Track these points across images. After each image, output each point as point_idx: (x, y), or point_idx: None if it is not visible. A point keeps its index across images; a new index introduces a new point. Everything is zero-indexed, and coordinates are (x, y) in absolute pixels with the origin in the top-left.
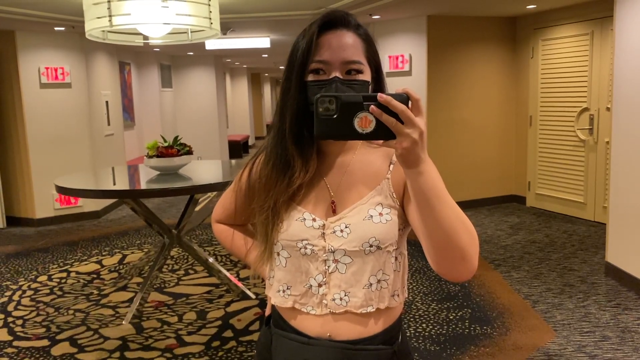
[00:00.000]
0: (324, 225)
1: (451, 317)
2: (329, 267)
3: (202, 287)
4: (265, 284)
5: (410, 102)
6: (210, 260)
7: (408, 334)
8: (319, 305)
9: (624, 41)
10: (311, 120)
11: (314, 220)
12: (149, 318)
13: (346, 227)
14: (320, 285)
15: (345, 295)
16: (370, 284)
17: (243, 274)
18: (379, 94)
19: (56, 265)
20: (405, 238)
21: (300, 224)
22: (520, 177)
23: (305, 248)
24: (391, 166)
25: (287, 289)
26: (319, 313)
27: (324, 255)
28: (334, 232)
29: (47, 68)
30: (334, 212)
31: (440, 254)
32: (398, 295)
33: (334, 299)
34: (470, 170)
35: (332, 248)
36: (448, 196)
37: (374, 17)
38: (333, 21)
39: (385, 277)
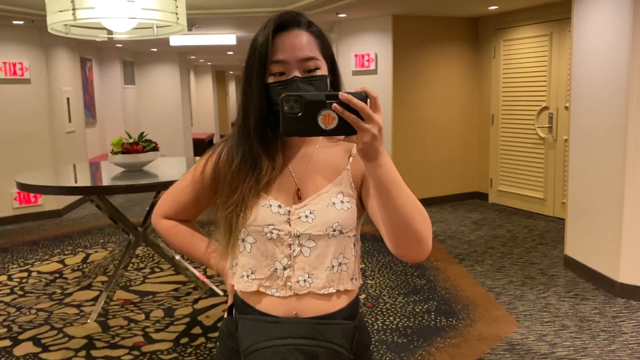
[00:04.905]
0: (289, 211)
1: (417, 310)
2: (294, 250)
3: (169, 284)
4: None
5: (368, 100)
6: (177, 257)
7: (375, 327)
8: (283, 287)
9: (581, 42)
10: (275, 119)
11: (279, 206)
12: (115, 316)
13: (311, 213)
14: (285, 268)
15: (308, 277)
16: (332, 266)
17: (210, 271)
18: (341, 93)
19: (16, 265)
20: (360, 225)
21: (267, 210)
22: (482, 175)
23: (272, 233)
24: (350, 159)
25: (252, 273)
26: (283, 295)
27: (289, 239)
28: (299, 217)
29: (4, 63)
30: (300, 199)
31: (399, 238)
32: (356, 279)
33: (298, 281)
34: (434, 167)
35: (298, 232)
36: (404, 185)
37: (340, 15)
38: (285, 23)
39: (345, 260)
